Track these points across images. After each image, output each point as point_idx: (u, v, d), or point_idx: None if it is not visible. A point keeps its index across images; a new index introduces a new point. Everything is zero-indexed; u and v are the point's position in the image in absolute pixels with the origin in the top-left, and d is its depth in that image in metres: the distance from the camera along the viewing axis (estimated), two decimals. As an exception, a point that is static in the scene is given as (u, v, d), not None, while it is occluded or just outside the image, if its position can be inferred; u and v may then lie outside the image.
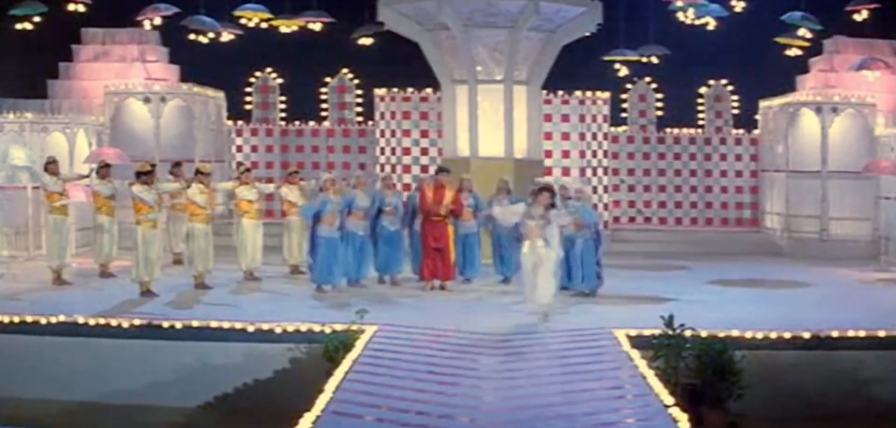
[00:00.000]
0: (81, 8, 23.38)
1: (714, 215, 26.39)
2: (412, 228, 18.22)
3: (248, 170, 19.66)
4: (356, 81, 26.93)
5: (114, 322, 14.29)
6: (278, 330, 13.86)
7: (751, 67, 25.55)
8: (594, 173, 24.94)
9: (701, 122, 26.80)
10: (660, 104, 26.84)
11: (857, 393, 13.42)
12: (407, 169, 24.89)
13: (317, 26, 25.08)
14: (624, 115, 26.83)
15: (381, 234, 18.17)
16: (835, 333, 13.76)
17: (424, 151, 25.10)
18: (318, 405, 9.62)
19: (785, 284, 19.00)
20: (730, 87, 26.72)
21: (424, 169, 24.55)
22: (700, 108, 26.85)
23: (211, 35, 24.00)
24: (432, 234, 17.59)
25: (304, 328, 13.80)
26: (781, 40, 24.64)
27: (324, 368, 12.17)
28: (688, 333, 12.97)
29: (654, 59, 26.28)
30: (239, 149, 26.72)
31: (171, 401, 13.56)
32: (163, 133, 24.32)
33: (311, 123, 26.83)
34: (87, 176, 19.58)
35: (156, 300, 16.28)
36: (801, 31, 24.02)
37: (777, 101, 25.04)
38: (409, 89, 25.31)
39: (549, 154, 24.20)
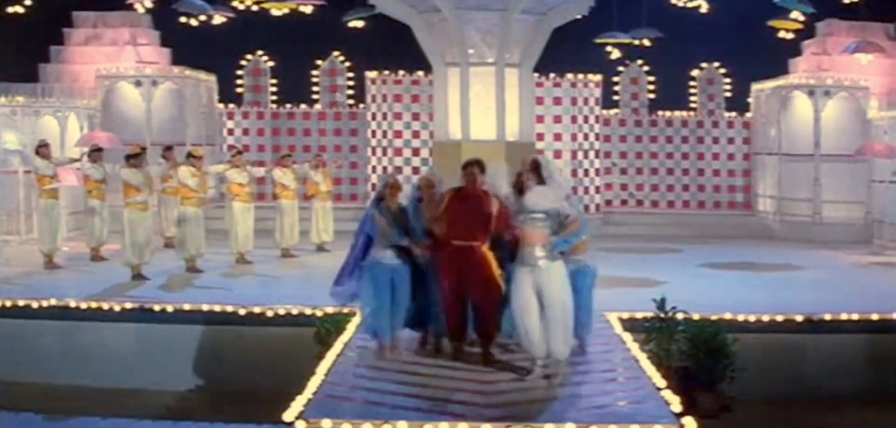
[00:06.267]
0: (72, -9, 23.31)
1: (706, 198, 26.38)
2: None
3: (239, 153, 19.61)
4: (347, 64, 26.87)
5: (105, 306, 14.28)
6: (270, 313, 13.87)
7: (743, 50, 25.49)
8: (586, 156, 24.88)
9: (693, 105, 26.77)
10: (652, 87, 26.82)
11: (849, 376, 13.45)
12: (398, 152, 24.81)
13: (308, 9, 24.96)
14: (616, 98, 26.79)
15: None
16: (827, 316, 13.77)
17: (416, 134, 25.02)
18: (309, 388, 9.58)
19: (777, 268, 19.01)
20: (722, 70, 26.69)
21: (415, 152, 24.50)
22: (692, 90, 26.83)
23: (202, 18, 23.90)
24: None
25: (295, 312, 13.81)
26: (774, 23, 24.59)
27: (315, 352, 12.16)
28: (680, 315, 12.97)
29: (647, 42, 26.22)
30: (230, 132, 26.66)
31: (162, 384, 13.56)
32: (154, 116, 24.27)
33: (303, 106, 26.76)
34: (79, 160, 19.54)
35: (147, 284, 16.28)
36: (794, 14, 23.95)
37: (769, 84, 25.01)
38: (401, 72, 25.21)
39: (541, 137, 24.09)
